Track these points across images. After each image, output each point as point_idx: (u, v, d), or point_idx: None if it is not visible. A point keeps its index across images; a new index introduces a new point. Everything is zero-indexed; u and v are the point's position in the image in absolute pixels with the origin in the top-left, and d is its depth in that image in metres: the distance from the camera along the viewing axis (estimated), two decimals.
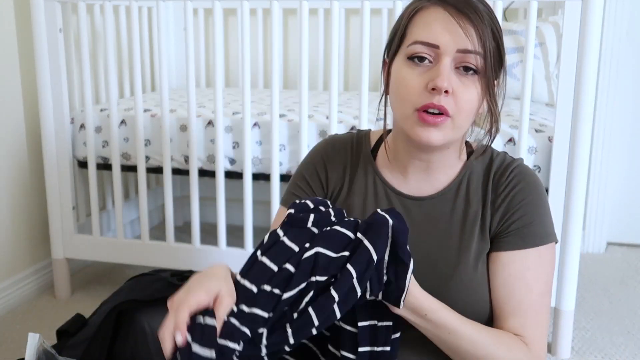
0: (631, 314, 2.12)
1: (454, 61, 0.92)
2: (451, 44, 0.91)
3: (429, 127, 0.93)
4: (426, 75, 0.92)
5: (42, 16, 1.98)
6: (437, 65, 0.92)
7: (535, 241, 0.98)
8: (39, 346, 1.06)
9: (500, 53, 0.96)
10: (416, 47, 0.93)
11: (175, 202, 2.72)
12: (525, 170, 1.02)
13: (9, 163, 2.10)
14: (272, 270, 0.86)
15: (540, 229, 0.99)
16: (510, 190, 1.00)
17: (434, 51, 0.92)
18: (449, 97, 0.91)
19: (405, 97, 0.94)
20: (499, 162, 1.03)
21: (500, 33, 0.96)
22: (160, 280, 1.25)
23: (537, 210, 0.99)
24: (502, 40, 0.96)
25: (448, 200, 1.03)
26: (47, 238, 2.23)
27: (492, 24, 0.94)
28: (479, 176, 1.03)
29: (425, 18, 0.94)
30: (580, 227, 1.73)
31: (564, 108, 1.68)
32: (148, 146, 2.06)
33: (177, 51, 2.88)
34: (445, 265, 1.00)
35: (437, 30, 0.92)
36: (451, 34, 0.91)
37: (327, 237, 0.88)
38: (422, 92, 0.92)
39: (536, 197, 1.00)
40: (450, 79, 0.91)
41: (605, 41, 2.51)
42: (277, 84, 1.85)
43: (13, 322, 2.02)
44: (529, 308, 0.97)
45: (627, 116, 2.65)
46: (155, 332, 1.16)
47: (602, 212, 2.69)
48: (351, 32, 2.71)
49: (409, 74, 0.94)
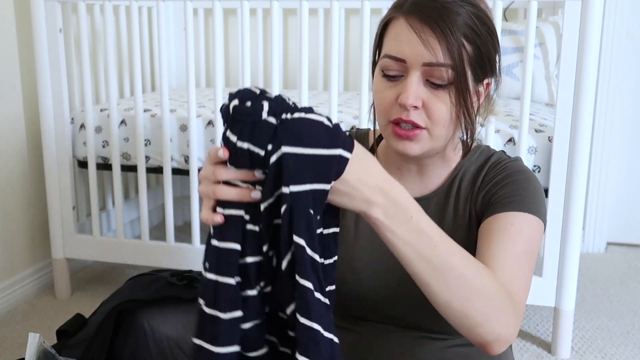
0: (631, 314, 2.12)
1: (422, 74, 0.90)
2: (417, 57, 0.89)
3: (404, 140, 0.93)
4: (396, 88, 0.91)
5: (42, 16, 1.98)
6: (406, 80, 0.90)
7: (520, 207, 0.93)
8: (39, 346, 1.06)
9: (485, 55, 0.92)
10: (386, 61, 0.92)
11: (175, 202, 2.72)
12: (519, 165, 1.00)
13: (9, 163, 2.10)
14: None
15: (525, 201, 0.93)
16: (495, 176, 0.98)
17: (402, 65, 0.90)
18: (419, 111, 0.90)
19: (380, 109, 0.94)
20: (493, 160, 1.02)
21: (484, 34, 0.91)
22: (160, 280, 1.25)
23: (523, 190, 0.95)
24: (491, 40, 0.92)
25: (440, 201, 1.02)
26: (47, 238, 2.23)
27: (470, 29, 0.89)
28: (471, 175, 1.02)
29: (395, 30, 0.92)
30: (580, 227, 1.73)
31: (564, 108, 1.68)
32: (148, 146, 2.06)
33: (177, 51, 2.88)
34: None
35: (403, 43, 0.90)
36: (416, 47, 0.88)
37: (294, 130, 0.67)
38: (393, 106, 0.92)
39: (523, 180, 0.96)
40: (419, 92, 0.89)
41: (605, 41, 2.51)
42: (277, 84, 1.85)
43: (13, 322, 2.02)
44: (509, 260, 0.87)
45: (627, 116, 2.65)
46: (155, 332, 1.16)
47: (602, 212, 2.69)
48: (351, 32, 2.71)
49: (382, 86, 0.93)
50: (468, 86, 0.91)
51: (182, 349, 1.17)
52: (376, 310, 1.01)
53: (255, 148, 0.66)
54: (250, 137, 0.66)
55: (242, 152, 0.67)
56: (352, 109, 2.06)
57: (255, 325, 0.71)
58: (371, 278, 1.01)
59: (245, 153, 0.67)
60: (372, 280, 1.01)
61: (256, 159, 0.67)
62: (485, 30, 0.91)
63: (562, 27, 1.65)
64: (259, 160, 0.67)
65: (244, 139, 0.67)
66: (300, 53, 1.82)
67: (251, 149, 0.67)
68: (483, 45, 0.91)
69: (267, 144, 0.66)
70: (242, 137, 0.67)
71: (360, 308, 1.03)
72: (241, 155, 0.67)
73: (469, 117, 0.93)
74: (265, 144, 0.66)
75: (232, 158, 0.68)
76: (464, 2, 0.90)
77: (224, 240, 0.70)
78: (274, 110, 0.68)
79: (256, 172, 0.69)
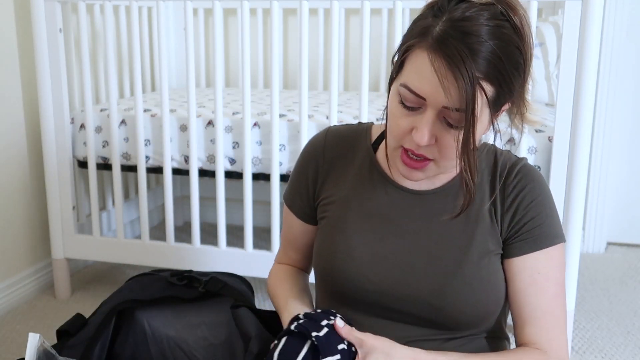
0: (631, 314, 2.12)
1: (439, 114, 0.89)
2: (436, 99, 0.87)
3: (411, 169, 0.94)
4: (412, 120, 0.91)
5: (42, 16, 1.98)
6: (422, 116, 0.89)
7: (544, 243, 0.99)
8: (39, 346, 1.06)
9: (504, 93, 0.89)
10: (405, 92, 0.90)
11: (175, 202, 2.72)
12: (531, 170, 1.02)
13: (9, 163, 2.10)
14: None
15: (549, 231, 0.99)
16: (519, 192, 1.00)
17: (421, 101, 0.89)
18: (431, 146, 0.91)
19: (392, 131, 0.95)
20: (503, 160, 1.03)
21: (506, 73, 0.87)
22: (160, 280, 1.25)
23: (545, 211, 0.99)
24: (511, 77, 0.88)
25: (450, 196, 1.02)
26: (47, 238, 2.23)
27: (495, 69, 0.85)
28: (483, 173, 1.02)
29: (417, 62, 0.88)
30: (580, 227, 1.73)
31: (564, 108, 1.68)
32: (148, 146, 2.06)
33: (177, 51, 2.88)
34: (448, 262, 0.99)
35: (425, 82, 0.87)
36: (437, 89, 0.86)
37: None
38: (406, 134, 0.92)
39: (544, 198, 1.00)
40: (434, 129, 0.89)
41: (605, 41, 2.51)
42: (277, 84, 1.85)
43: (13, 322, 2.02)
44: (543, 313, 0.98)
45: (627, 116, 2.65)
46: (155, 332, 1.16)
47: (602, 212, 2.69)
48: (351, 32, 2.71)
49: (397, 112, 0.92)
50: (475, 130, 0.88)
51: (182, 349, 1.17)
52: (377, 303, 1.01)
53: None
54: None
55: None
56: (352, 109, 2.06)
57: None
58: (371, 269, 1.01)
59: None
60: (372, 272, 1.01)
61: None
62: (511, 66, 0.87)
63: (562, 27, 1.65)
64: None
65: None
66: (300, 53, 1.82)
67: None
68: (505, 83, 0.88)
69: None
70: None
71: (361, 301, 1.03)
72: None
73: (468, 156, 0.90)
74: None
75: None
76: (494, 35, 0.85)
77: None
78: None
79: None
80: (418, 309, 0.99)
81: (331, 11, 1.78)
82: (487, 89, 0.87)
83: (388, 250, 1.01)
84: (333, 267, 1.02)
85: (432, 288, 0.98)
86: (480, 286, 0.98)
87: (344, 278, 1.02)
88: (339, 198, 1.07)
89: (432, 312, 0.98)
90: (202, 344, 1.18)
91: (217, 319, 1.19)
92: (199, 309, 1.21)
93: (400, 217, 1.03)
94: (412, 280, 0.99)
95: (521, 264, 0.99)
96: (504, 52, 0.86)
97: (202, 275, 1.25)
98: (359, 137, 1.10)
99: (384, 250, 1.01)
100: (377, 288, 1.00)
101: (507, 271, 1.00)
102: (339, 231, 1.04)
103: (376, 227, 1.03)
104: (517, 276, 0.99)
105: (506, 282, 1.01)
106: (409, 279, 0.99)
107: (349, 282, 1.02)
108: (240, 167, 2.00)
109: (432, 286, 0.98)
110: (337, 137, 1.11)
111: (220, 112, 1.93)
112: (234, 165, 2.01)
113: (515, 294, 1.00)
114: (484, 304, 0.99)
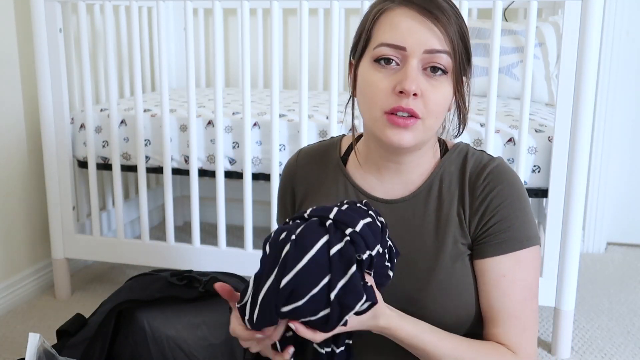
0: (631, 314, 2.12)
1: (421, 62, 0.91)
2: (418, 45, 0.90)
3: (400, 129, 0.92)
4: (393, 78, 0.91)
5: (42, 16, 1.98)
6: (404, 68, 0.91)
7: (510, 247, 0.96)
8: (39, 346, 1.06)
9: (468, 51, 0.95)
10: (382, 49, 0.92)
11: (175, 202, 2.72)
12: (502, 170, 0.99)
13: (9, 163, 2.10)
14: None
15: (516, 234, 0.97)
16: (488, 193, 0.98)
17: (401, 53, 0.91)
18: (417, 100, 0.91)
19: (374, 100, 0.93)
20: (474, 162, 1.01)
21: (467, 30, 0.95)
22: (160, 280, 1.25)
23: (514, 213, 0.97)
24: (468, 38, 0.95)
25: (420, 202, 1.01)
26: (47, 238, 2.23)
27: (459, 22, 0.93)
28: (452, 176, 1.01)
29: (390, 19, 0.92)
30: (580, 227, 1.73)
31: (564, 108, 1.68)
32: (148, 146, 2.06)
33: (177, 51, 2.88)
34: (421, 268, 0.98)
35: (403, 31, 0.90)
36: (417, 35, 0.90)
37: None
38: (390, 95, 0.91)
39: (514, 200, 0.97)
40: (418, 81, 0.90)
41: (605, 41, 2.51)
42: (277, 84, 1.85)
43: (13, 322, 2.02)
44: (509, 316, 0.96)
45: (627, 116, 2.65)
46: (155, 332, 1.16)
47: (602, 212, 2.69)
48: (351, 32, 2.71)
49: (375, 76, 0.93)
50: (462, 73, 0.93)
51: (182, 349, 1.17)
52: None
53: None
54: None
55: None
56: None
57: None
58: None
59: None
60: None
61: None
62: (466, 27, 0.95)
63: (562, 27, 1.65)
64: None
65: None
66: (300, 53, 1.82)
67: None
68: (468, 40, 0.95)
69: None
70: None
71: None
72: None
73: (463, 103, 0.96)
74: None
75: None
76: (448, 3, 0.94)
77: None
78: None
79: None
80: (416, 314, 0.99)
81: (331, 11, 1.78)
82: (458, 38, 0.92)
83: None
84: None
85: (409, 296, 0.97)
86: (457, 290, 0.97)
87: None
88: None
89: (430, 317, 0.98)
90: (202, 344, 1.19)
91: (217, 319, 1.19)
92: (199, 309, 1.21)
93: None
94: (390, 291, 0.98)
95: (485, 266, 0.97)
96: (459, 13, 0.94)
97: (202, 275, 1.25)
98: (329, 152, 1.11)
99: None
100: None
101: (475, 272, 0.99)
102: None
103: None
104: (481, 278, 0.98)
105: (477, 283, 1.00)
106: (386, 289, 0.99)
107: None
108: (240, 167, 2.00)
109: (408, 293, 0.97)
110: (308, 156, 1.12)
111: (220, 112, 1.93)
112: (234, 165, 2.01)
113: (481, 295, 0.98)
114: (464, 307, 0.98)
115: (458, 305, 0.97)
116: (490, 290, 0.97)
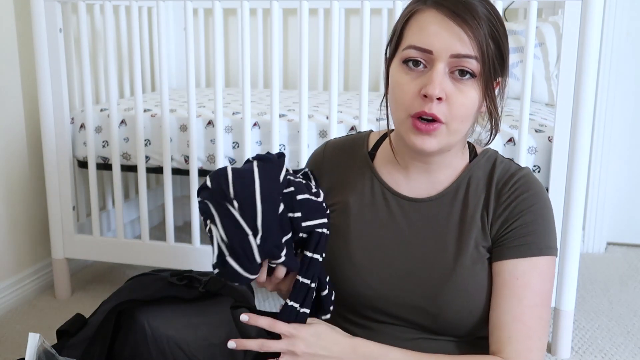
0: (631, 314, 2.12)
1: (448, 66, 0.91)
2: (444, 49, 0.90)
3: (423, 135, 0.93)
4: (419, 81, 0.92)
5: (42, 16, 1.98)
6: (431, 71, 0.91)
7: (529, 251, 0.96)
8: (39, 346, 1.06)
9: (502, 53, 0.94)
10: (410, 51, 0.92)
11: (175, 202, 2.72)
12: (530, 180, 1.00)
13: (9, 163, 2.10)
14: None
15: (537, 240, 0.96)
16: (514, 199, 0.98)
17: (428, 56, 0.91)
18: (441, 104, 0.91)
19: (400, 102, 0.94)
20: (502, 169, 1.01)
21: (502, 33, 0.93)
22: (160, 280, 1.25)
23: (537, 220, 0.97)
24: (505, 40, 0.94)
25: (446, 203, 1.02)
26: (47, 238, 2.23)
27: (492, 25, 0.92)
28: (479, 181, 1.02)
29: (420, 21, 0.92)
30: (580, 227, 1.73)
31: (564, 108, 1.68)
32: (148, 146, 2.06)
33: (177, 51, 2.88)
34: (441, 269, 0.98)
35: (430, 34, 0.90)
36: (444, 39, 0.90)
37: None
38: (415, 99, 0.92)
39: (538, 208, 0.98)
40: (444, 84, 0.90)
41: (605, 41, 2.51)
42: (277, 84, 1.85)
43: (13, 322, 2.02)
44: (514, 319, 0.94)
45: (627, 116, 2.65)
46: (155, 332, 1.16)
47: (602, 212, 2.69)
48: (351, 32, 2.71)
49: (403, 78, 0.93)
50: (494, 77, 0.92)
51: (182, 349, 1.17)
52: (376, 308, 1.02)
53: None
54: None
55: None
56: (352, 109, 2.06)
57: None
58: (370, 275, 1.01)
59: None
60: (371, 278, 1.01)
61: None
62: (502, 30, 0.93)
63: (562, 27, 1.65)
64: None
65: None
66: (300, 53, 1.82)
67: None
68: (502, 43, 0.93)
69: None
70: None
71: (360, 305, 1.03)
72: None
73: (495, 109, 0.95)
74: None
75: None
76: (485, 6, 0.92)
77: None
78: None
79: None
80: (416, 315, 0.99)
81: (331, 11, 1.78)
82: (490, 42, 0.91)
83: (386, 256, 1.01)
84: (334, 272, 1.03)
85: (427, 295, 0.97)
86: (475, 292, 0.97)
87: (345, 283, 1.02)
88: (340, 206, 1.07)
89: (429, 318, 0.98)
90: (202, 344, 1.18)
91: (217, 319, 1.19)
92: (199, 309, 1.21)
93: (397, 224, 1.03)
94: (409, 287, 0.98)
95: (502, 268, 0.96)
96: (496, 15, 0.93)
97: (202, 275, 1.25)
98: (356, 146, 1.11)
99: (382, 257, 1.01)
100: (375, 294, 1.01)
101: (492, 274, 0.98)
102: (340, 237, 1.04)
103: (375, 233, 1.03)
104: (496, 279, 0.97)
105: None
106: (406, 285, 0.99)
107: (349, 287, 1.02)
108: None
109: (427, 293, 0.97)
110: (335, 149, 1.13)
111: (220, 112, 1.93)
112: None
113: (492, 296, 0.97)
114: (482, 310, 0.98)
115: (477, 307, 0.97)
116: (501, 290, 0.95)
